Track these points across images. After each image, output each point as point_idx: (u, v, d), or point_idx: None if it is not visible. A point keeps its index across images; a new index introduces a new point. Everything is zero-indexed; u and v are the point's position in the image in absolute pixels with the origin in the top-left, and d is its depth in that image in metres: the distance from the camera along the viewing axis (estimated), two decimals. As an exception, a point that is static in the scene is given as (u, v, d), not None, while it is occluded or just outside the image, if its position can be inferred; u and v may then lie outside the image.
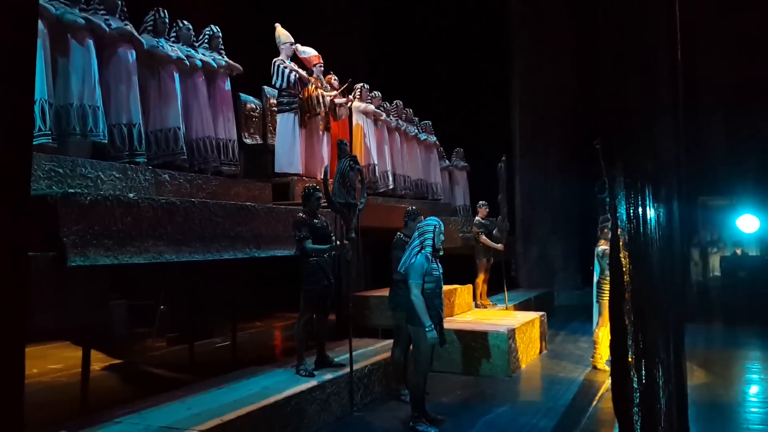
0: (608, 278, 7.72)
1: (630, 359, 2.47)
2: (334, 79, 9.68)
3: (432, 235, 5.69)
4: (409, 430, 5.66)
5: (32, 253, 3.94)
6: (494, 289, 11.59)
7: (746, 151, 15.78)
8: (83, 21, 6.03)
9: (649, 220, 2.53)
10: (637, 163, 2.57)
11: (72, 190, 4.85)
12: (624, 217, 2.47)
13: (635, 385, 2.41)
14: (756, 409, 6.54)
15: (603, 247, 7.84)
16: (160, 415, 4.94)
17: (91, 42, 6.10)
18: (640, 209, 2.50)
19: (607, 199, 2.63)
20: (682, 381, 2.99)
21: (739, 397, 7.10)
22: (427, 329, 5.44)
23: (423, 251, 5.64)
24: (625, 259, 2.47)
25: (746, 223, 15.94)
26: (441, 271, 5.77)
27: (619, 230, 2.48)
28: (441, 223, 5.84)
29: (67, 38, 5.90)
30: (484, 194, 11.68)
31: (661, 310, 2.62)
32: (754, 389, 7.54)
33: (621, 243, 2.48)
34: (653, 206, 2.56)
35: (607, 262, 7.69)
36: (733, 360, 9.00)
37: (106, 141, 6.18)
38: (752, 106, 15.63)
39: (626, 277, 2.53)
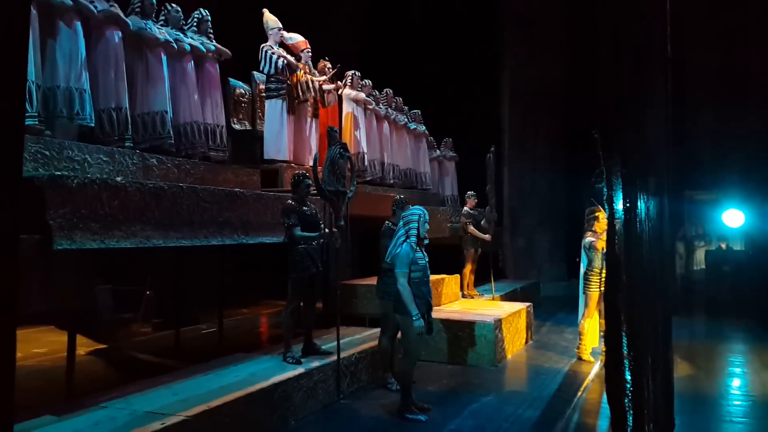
0: (595, 270, 7.81)
1: (623, 349, 2.48)
2: (328, 67, 9.61)
3: (417, 224, 5.69)
4: (399, 418, 5.68)
5: (18, 235, 3.89)
6: (481, 279, 11.62)
7: (732, 145, 15.86)
8: (71, 2, 5.94)
9: (643, 212, 2.53)
10: (632, 155, 2.57)
11: (59, 173, 4.79)
12: (621, 208, 2.48)
13: (627, 376, 2.42)
14: (739, 402, 6.59)
15: (590, 239, 7.88)
16: (146, 400, 4.92)
17: (78, 24, 6.02)
18: (636, 201, 2.50)
19: (605, 190, 2.64)
20: (668, 373, 3.01)
21: (722, 390, 7.16)
22: (414, 318, 5.46)
23: (408, 240, 5.65)
24: (620, 250, 2.47)
25: (731, 217, 16.04)
26: (427, 259, 5.78)
27: (616, 221, 2.49)
28: (426, 212, 5.84)
29: (55, 20, 5.82)
30: (472, 185, 11.69)
31: (652, 302, 2.63)
32: (736, 382, 7.60)
33: (617, 234, 2.48)
34: (648, 198, 2.56)
35: (594, 253, 7.78)
36: (716, 353, 9.08)
37: (92, 124, 6.11)
38: (738, 100, 15.71)
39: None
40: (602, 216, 7.88)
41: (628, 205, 2.41)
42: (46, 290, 5.51)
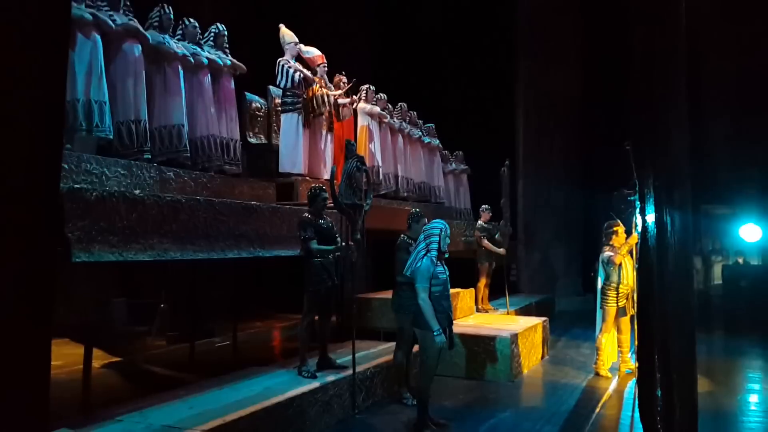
0: (612, 285, 7.75)
1: (656, 365, 2.44)
2: (343, 81, 9.63)
3: (438, 238, 5.63)
4: (414, 434, 5.63)
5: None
6: (495, 293, 11.54)
7: (749, 159, 15.76)
8: (90, 16, 6.00)
9: (670, 225, 2.50)
10: (662, 168, 2.54)
11: (77, 186, 4.81)
12: (653, 220, 2.44)
13: (658, 392, 2.37)
14: (758, 419, 6.50)
15: (608, 253, 7.81)
16: (162, 414, 4.91)
17: (98, 37, 6.07)
18: (667, 213, 2.46)
19: (637, 202, 2.61)
20: (693, 389, 2.96)
21: (740, 406, 7.06)
22: (435, 333, 5.39)
23: (428, 254, 5.58)
24: (652, 262, 2.43)
25: (749, 232, 15.92)
26: (447, 273, 5.72)
27: (648, 234, 2.45)
28: (447, 225, 5.79)
29: (74, 33, 5.86)
30: (486, 198, 11.65)
31: (681, 316, 2.59)
32: (755, 398, 7.50)
33: (649, 247, 2.45)
34: (676, 211, 2.53)
35: (612, 268, 7.72)
36: (734, 369, 8.97)
37: (111, 137, 6.14)
38: (756, 113, 15.62)
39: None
40: (621, 230, 7.82)
41: (660, 217, 2.38)
42: (63, 303, 5.53)
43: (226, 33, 7.88)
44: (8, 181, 1.66)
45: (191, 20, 7.45)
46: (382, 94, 10.99)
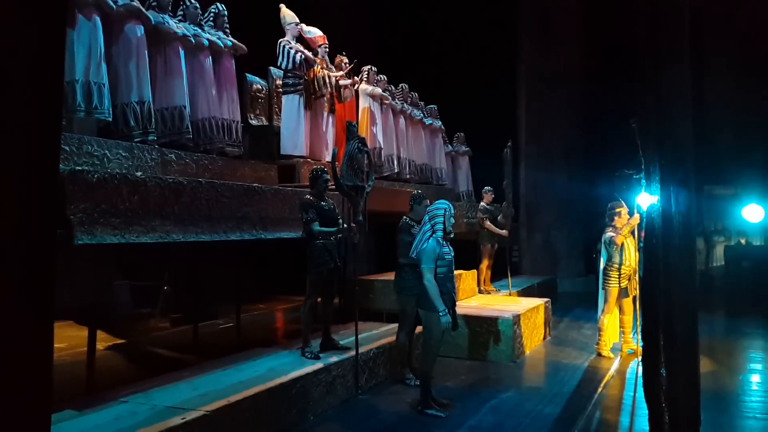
0: (614, 265, 7.75)
1: (660, 345, 2.44)
2: (345, 62, 9.58)
3: (442, 218, 5.63)
4: (418, 413, 5.65)
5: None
6: (497, 275, 11.56)
7: (752, 140, 15.70)
8: (91, -2, 5.95)
9: (676, 205, 2.49)
10: (668, 146, 2.52)
11: (79, 168, 4.80)
12: (658, 199, 2.43)
13: (663, 372, 2.37)
14: (759, 398, 6.52)
15: (610, 234, 7.80)
16: (166, 395, 4.93)
17: (98, 18, 6.02)
18: (674, 192, 2.45)
19: (643, 181, 2.59)
20: (695, 369, 2.96)
21: (742, 386, 7.08)
22: (441, 314, 5.42)
23: (434, 235, 5.59)
24: (657, 242, 2.43)
25: (751, 212, 15.89)
26: (453, 254, 5.73)
27: (653, 213, 2.44)
28: (451, 206, 5.78)
29: (74, 14, 5.82)
30: (488, 180, 11.62)
31: (685, 297, 2.59)
32: (756, 378, 7.52)
33: (655, 226, 2.44)
34: (681, 190, 2.51)
35: (614, 249, 7.71)
36: (736, 349, 8.98)
37: (110, 119, 6.11)
38: (759, 94, 15.54)
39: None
40: (624, 211, 7.80)
41: (665, 195, 2.36)
42: (65, 285, 5.53)
43: (226, 13, 7.83)
44: (5, 162, 1.65)
45: (192, 1, 7.40)
46: (382, 76, 10.94)
